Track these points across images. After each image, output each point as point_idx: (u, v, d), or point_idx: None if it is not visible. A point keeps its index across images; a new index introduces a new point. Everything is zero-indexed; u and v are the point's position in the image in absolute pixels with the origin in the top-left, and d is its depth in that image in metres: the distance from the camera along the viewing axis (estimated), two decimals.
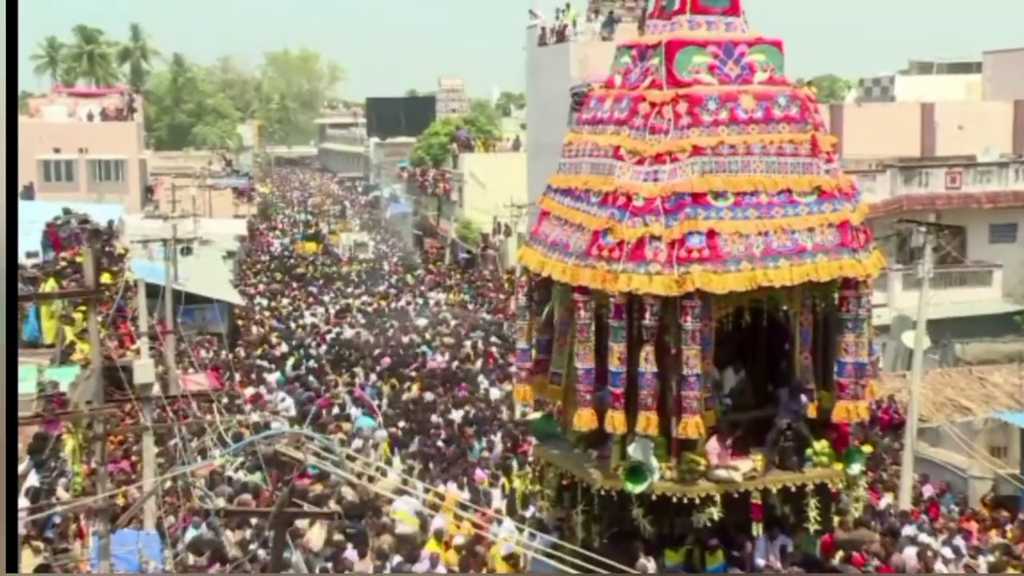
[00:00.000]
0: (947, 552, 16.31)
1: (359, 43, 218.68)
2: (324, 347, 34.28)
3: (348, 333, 37.14)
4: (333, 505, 16.47)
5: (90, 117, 56.46)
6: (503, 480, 19.39)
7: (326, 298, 46.76)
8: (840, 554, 13.54)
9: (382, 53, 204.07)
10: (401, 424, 24.41)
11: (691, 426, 10.20)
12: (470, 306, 45.60)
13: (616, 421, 10.28)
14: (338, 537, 15.62)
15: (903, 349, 26.93)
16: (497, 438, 23.17)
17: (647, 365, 10.18)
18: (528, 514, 15.64)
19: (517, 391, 11.96)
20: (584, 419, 10.54)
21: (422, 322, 39.50)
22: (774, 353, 11.18)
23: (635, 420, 10.25)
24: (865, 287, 10.58)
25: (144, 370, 16.40)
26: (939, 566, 15.50)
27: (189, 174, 62.14)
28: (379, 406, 25.84)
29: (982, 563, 15.98)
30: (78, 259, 24.65)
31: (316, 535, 15.82)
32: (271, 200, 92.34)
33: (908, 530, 16.94)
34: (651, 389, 10.17)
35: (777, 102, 10.58)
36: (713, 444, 10.50)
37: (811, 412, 10.85)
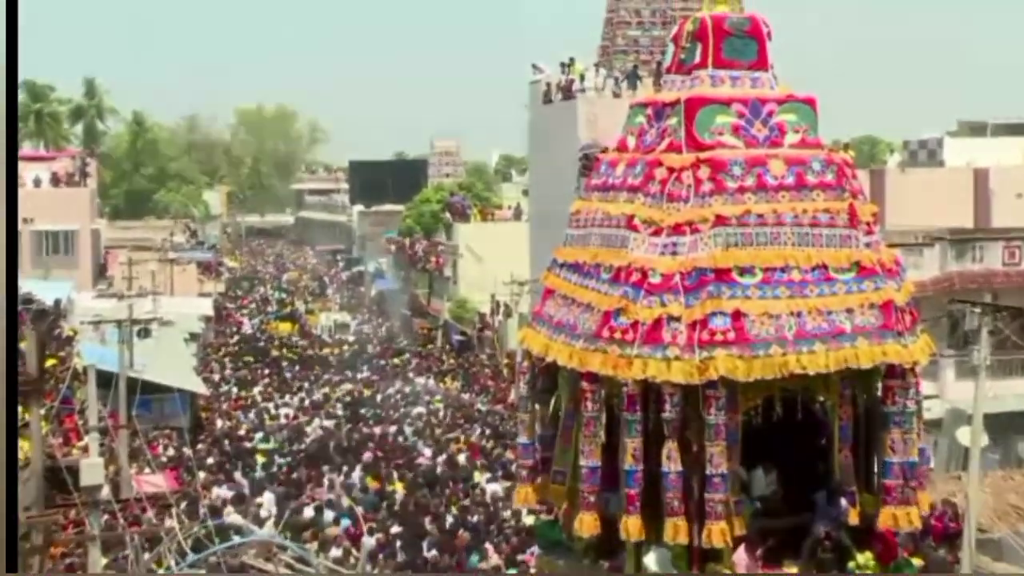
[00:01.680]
0: None
1: (342, 100, 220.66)
2: (300, 441, 34.14)
3: (327, 424, 37.01)
4: None
5: (37, 183, 56.72)
6: None
7: (303, 386, 46.65)
8: None
9: (368, 111, 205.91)
10: (387, 528, 24.23)
11: (716, 533, 10.12)
12: (465, 395, 45.47)
13: (631, 527, 10.20)
14: None
15: (957, 447, 26.79)
16: (493, 547, 22.98)
17: (671, 464, 10.12)
18: None
19: (518, 493, 11.88)
20: (587, 524, 10.47)
21: (416, 411, 39.49)
22: (810, 451, 11.13)
23: (651, 526, 10.17)
24: (913, 376, 10.55)
25: (92, 470, 16.32)
26: None
27: (148, 246, 62.33)
28: (361, 508, 25.67)
29: None
30: (20, 344, 24.66)
31: None
32: (241, 275, 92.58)
33: None
34: (677, 491, 10.11)
35: (810, 167, 10.65)
36: (741, 554, 10.41)
37: (853, 519, 10.76)
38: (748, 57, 11.00)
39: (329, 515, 25.02)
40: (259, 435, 35.29)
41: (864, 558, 10.69)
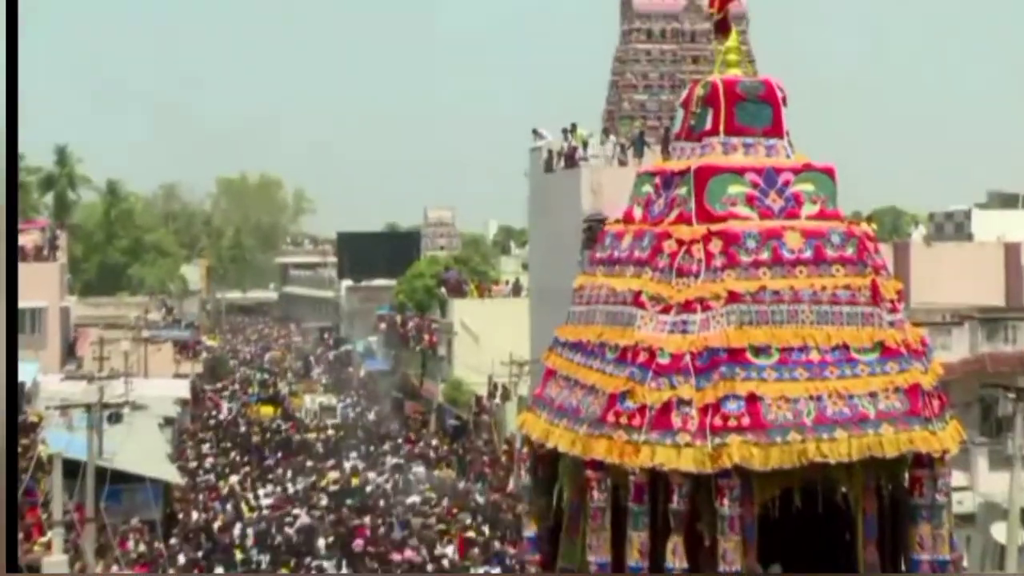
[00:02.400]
0: None
1: (329, 168, 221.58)
2: (282, 534, 33.92)
3: (310, 517, 36.79)
4: None
5: None
6: None
7: (285, 474, 46.44)
8: None
9: (356, 180, 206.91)
10: None
11: None
12: (460, 484, 45.25)
13: None
14: None
15: (993, 544, 26.60)
16: None
17: (676, 560, 10.02)
18: None
19: None
20: None
21: (409, 501, 39.32)
22: (831, 547, 11.03)
23: None
24: (942, 466, 10.48)
25: (56, 569, 16.18)
26: None
27: (121, 325, 62.37)
28: None
29: None
30: None
31: None
32: (221, 355, 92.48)
33: None
34: None
35: (829, 240, 10.66)
36: None
37: None
38: (762, 123, 11.04)
39: None
40: (237, 528, 35.06)
41: None
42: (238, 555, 31.20)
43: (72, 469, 24.55)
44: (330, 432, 59.76)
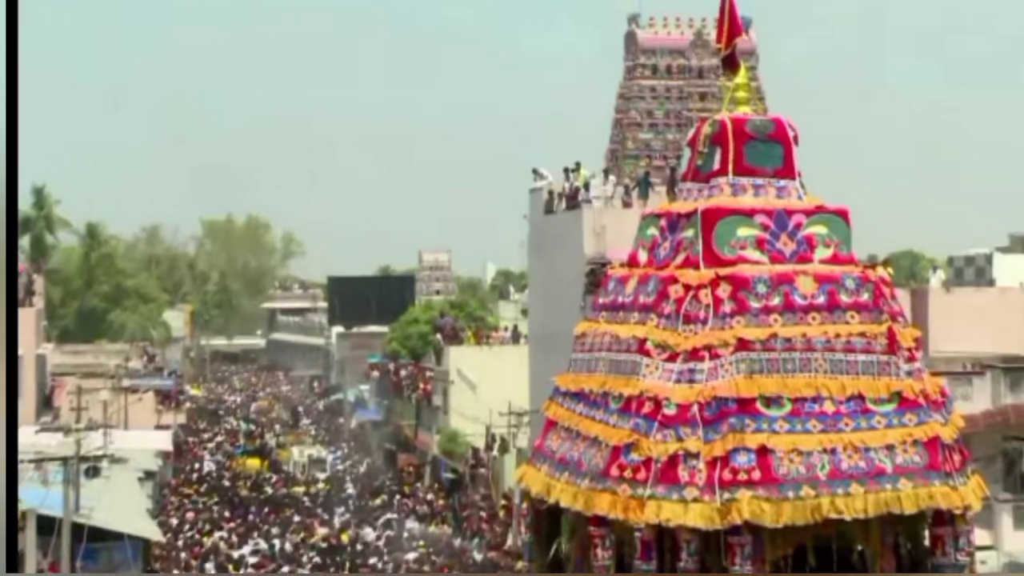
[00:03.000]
0: None
1: (319, 209, 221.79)
2: None
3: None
4: None
5: None
6: None
7: (272, 531, 46.28)
8: None
9: (348, 222, 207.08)
10: None
11: None
12: (456, 540, 45.09)
13: None
14: None
15: None
16: None
17: None
18: None
19: None
20: None
21: (405, 557, 39.23)
22: None
23: None
24: (964, 523, 10.47)
25: None
26: None
27: (100, 373, 62.23)
28: None
29: None
30: None
31: None
32: (205, 405, 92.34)
33: None
34: None
35: (843, 285, 10.68)
36: None
37: None
38: (773, 163, 11.09)
39: None
40: None
41: None
42: None
43: (47, 526, 24.47)
44: (320, 486, 59.59)
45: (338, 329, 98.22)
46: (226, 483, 59.16)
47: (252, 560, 40.31)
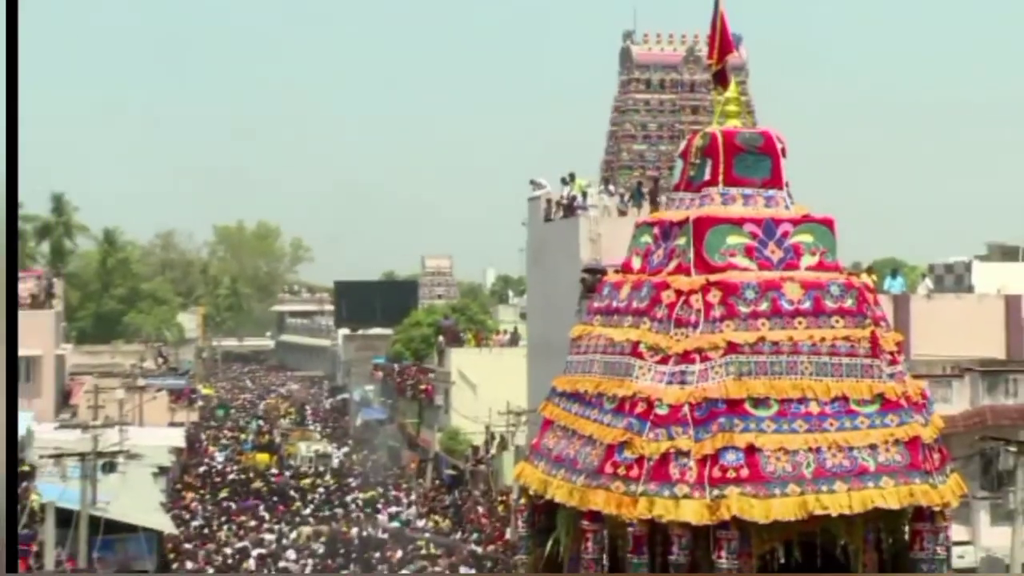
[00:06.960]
0: None
1: (326, 216, 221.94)
2: None
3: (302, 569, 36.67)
4: None
5: None
6: None
7: (279, 523, 46.25)
8: None
9: (354, 229, 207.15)
10: None
11: None
12: (456, 535, 45.06)
13: None
14: None
15: None
16: None
17: None
18: None
19: None
20: None
21: (406, 550, 39.18)
22: None
23: None
24: (943, 519, 10.45)
25: None
26: None
27: (116, 373, 62.35)
28: None
29: None
30: None
31: None
32: (216, 404, 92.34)
33: None
34: None
35: (829, 291, 10.67)
36: None
37: None
38: (761, 174, 11.08)
39: None
40: None
41: None
42: None
43: (65, 519, 24.45)
44: (327, 479, 59.62)
45: (344, 331, 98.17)
46: (237, 478, 59.11)
47: (259, 552, 40.26)
